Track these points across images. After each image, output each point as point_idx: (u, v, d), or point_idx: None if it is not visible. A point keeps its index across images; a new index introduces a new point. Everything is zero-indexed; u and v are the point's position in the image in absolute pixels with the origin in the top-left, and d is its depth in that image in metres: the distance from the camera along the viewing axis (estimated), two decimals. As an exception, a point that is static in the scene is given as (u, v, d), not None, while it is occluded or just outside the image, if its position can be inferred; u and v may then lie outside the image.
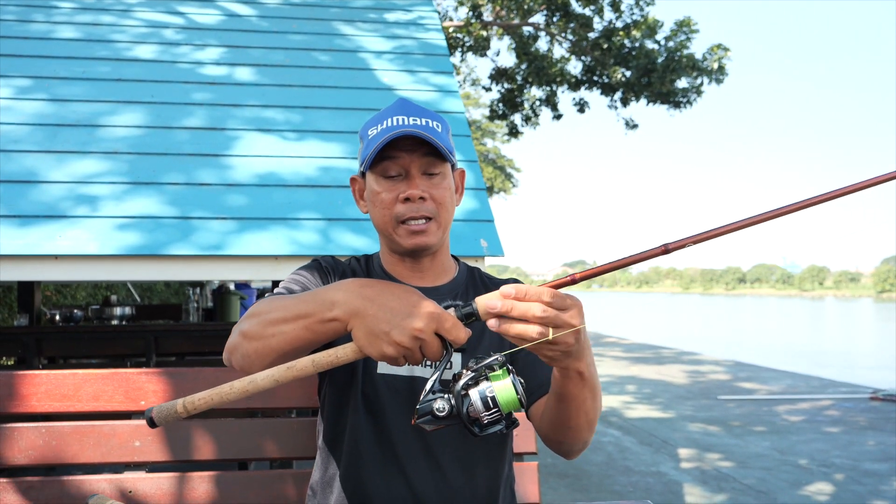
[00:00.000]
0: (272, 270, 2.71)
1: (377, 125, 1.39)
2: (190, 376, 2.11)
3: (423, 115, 1.41)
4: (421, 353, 1.03)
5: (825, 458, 6.20)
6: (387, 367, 1.38)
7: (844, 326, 37.23)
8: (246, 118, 3.38)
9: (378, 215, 1.41)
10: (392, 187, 1.38)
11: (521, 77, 13.63)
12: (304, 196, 2.95)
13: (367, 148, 1.40)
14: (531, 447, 2.24)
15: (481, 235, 2.86)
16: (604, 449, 6.44)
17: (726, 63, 12.49)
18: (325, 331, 1.09)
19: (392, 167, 1.38)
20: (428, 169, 1.39)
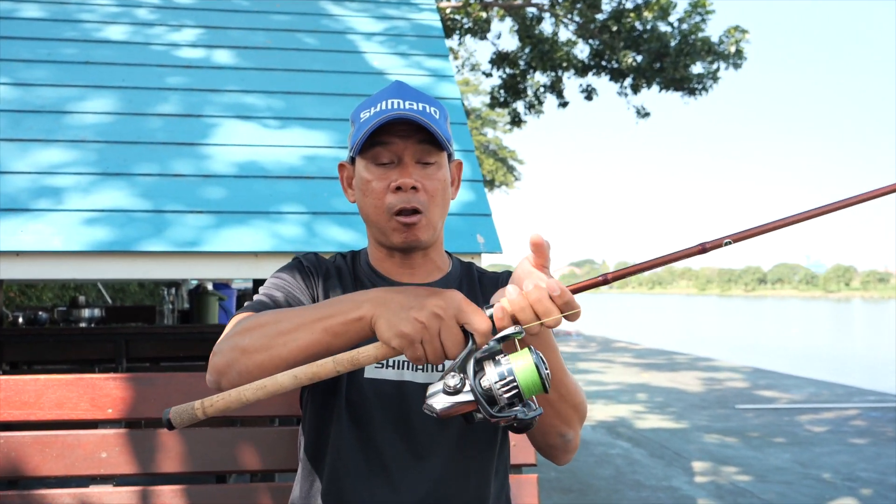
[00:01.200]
0: (252, 268, 2.71)
1: (370, 108, 1.38)
2: (161, 382, 2.10)
3: (420, 100, 1.40)
4: (440, 341, 1.02)
5: (850, 471, 6.21)
6: (374, 372, 1.38)
7: (872, 330, 37.28)
8: (224, 104, 3.37)
9: (368, 205, 1.40)
10: (384, 175, 1.37)
11: (524, 62, 13.62)
12: (287, 188, 2.94)
13: (357, 132, 1.39)
14: (530, 458, 2.24)
15: (478, 230, 2.85)
16: (612, 462, 6.44)
17: (745, 46, 12.47)
18: (347, 332, 1.10)
19: (384, 154, 1.37)
20: (422, 157, 1.39)
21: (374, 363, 1.12)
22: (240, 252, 2.68)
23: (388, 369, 1.39)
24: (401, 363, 1.40)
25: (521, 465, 2.18)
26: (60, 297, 9.06)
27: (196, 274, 2.69)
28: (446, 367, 0.99)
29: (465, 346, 0.99)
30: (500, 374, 0.94)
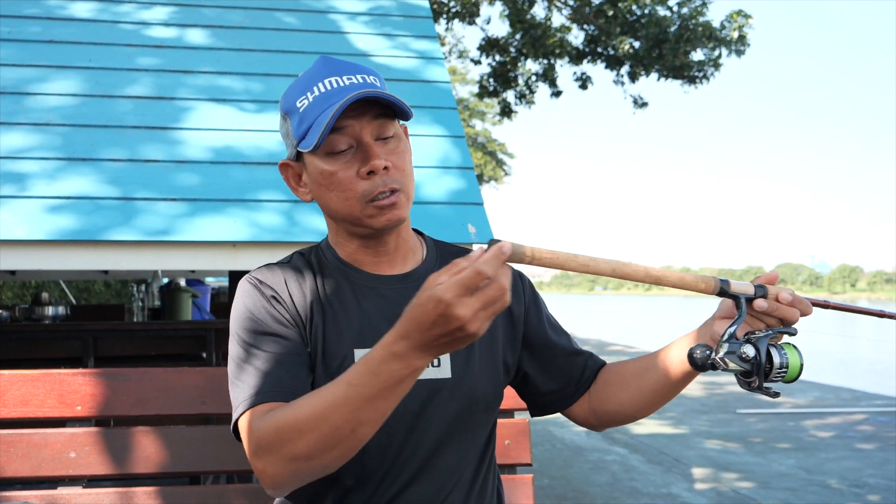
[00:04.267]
0: (229, 259, 2.70)
1: (306, 94, 1.33)
2: (134, 378, 2.10)
3: (357, 72, 1.35)
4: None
5: (857, 477, 6.26)
6: None
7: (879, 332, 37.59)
8: (198, 86, 3.36)
9: (338, 199, 1.34)
10: (348, 164, 1.32)
11: (515, 48, 13.61)
12: (265, 174, 2.94)
13: (302, 124, 1.32)
14: (525, 458, 2.25)
15: (469, 220, 2.86)
16: (608, 468, 6.47)
17: (748, 32, 12.48)
18: (407, 382, 1.11)
19: (341, 140, 1.31)
20: (381, 133, 1.34)
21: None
22: (215, 242, 2.67)
23: None
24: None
25: (516, 464, 2.19)
26: (21, 296, 9.00)
27: (168, 265, 2.68)
28: (735, 337, 1.24)
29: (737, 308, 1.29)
30: (780, 356, 1.22)
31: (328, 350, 1.36)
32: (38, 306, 4.88)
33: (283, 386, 1.28)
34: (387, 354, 1.07)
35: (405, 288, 1.42)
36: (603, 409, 1.57)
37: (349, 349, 1.36)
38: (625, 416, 1.55)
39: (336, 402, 1.12)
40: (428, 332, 1.02)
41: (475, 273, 0.97)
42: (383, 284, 1.42)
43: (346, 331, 1.37)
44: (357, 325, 1.37)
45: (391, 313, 1.32)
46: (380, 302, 1.40)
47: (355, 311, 1.39)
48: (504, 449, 2.12)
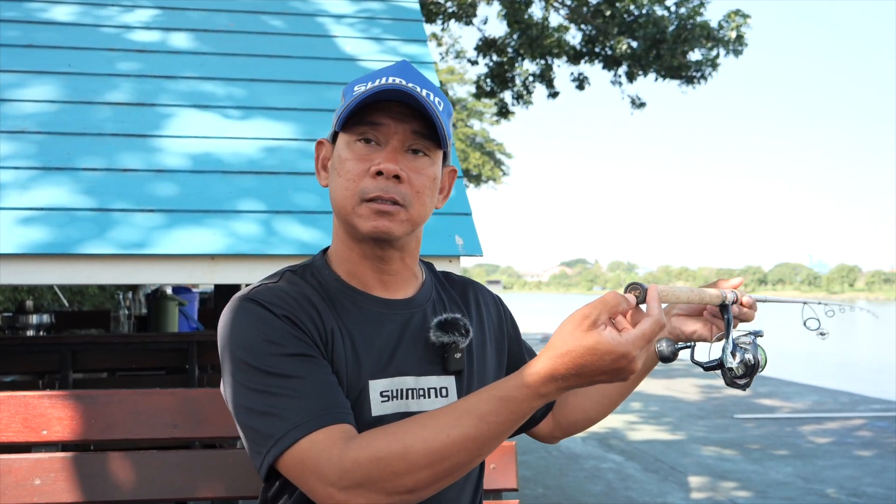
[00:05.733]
0: (207, 272, 2.62)
1: (367, 83, 1.30)
2: (103, 400, 2.02)
3: (425, 86, 1.31)
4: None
5: (856, 486, 6.19)
6: (380, 407, 1.29)
7: (877, 334, 37.55)
8: (181, 92, 3.27)
9: (341, 188, 1.30)
10: (365, 156, 1.28)
11: (513, 49, 13.56)
12: (246, 183, 2.85)
13: (348, 105, 1.29)
14: (511, 483, 2.18)
15: (456, 231, 2.78)
16: (603, 477, 6.39)
17: (746, 32, 12.44)
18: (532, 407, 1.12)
19: (370, 133, 1.29)
20: (413, 145, 1.30)
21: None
22: (193, 255, 2.58)
23: (394, 401, 1.31)
24: (405, 392, 1.32)
25: (502, 489, 2.11)
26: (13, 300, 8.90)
27: (145, 279, 2.59)
28: (727, 345, 1.32)
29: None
30: (764, 362, 1.32)
31: (349, 382, 1.28)
32: (22, 314, 4.79)
33: (343, 407, 1.20)
34: (532, 394, 1.08)
35: (411, 314, 1.37)
36: (568, 421, 1.60)
37: (365, 381, 1.29)
38: (589, 422, 1.59)
39: (465, 438, 1.09)
40: (591, 377, 1.07)
41: (659, 326, 1.08)
42: (391, 309, 1.36)
43: (364, 361, 1.30)
44: (374, 354, 1.31)
45: (400, 341, 1.33)
46: (391, 329, 1.34)
47: (370, 339, 1.32)
48: (489, 473, 2.04)
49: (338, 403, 1.19)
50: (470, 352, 1.41)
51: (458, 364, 1.37)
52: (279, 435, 1.15)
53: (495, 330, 1.54)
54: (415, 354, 1.35)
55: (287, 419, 1.15)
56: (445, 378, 1.37)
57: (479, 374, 1.42)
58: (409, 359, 1.34)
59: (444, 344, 1.35)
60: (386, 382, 1.30)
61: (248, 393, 1.20)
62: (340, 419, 1.17)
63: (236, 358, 1.22)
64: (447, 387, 1.36)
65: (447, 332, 1.35)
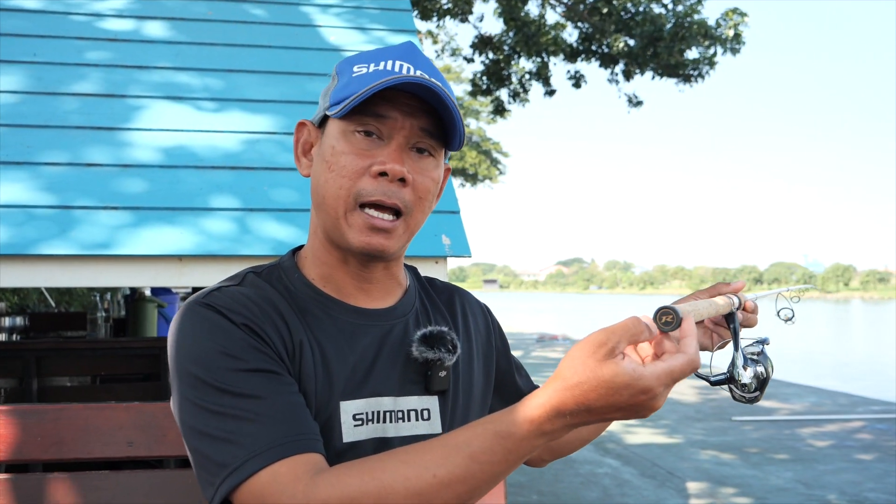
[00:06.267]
0: (175, 274, 2.43)
1: (370, 63, 1.13)
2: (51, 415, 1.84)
3: (435, 74, 1.14)
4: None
5: (857, 491, 6.03)
6: (353, 433, 1.11)
7: (873, 333, 37.49)
8: (153, 83, 3.09)
9: (332, 185, 1.11)
10: (365, 152, 1.10)
11: (509, 46, 13.43)
12: (220, 179, 2.67)
13: (346, 88, 1.12)
14: (499, 499, 2.05)
15: (442, 230, 2.60)
16: (599, 482, 6.21)
17: (743, 30, 12.32)
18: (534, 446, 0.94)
19: (373, 126, 1.11)
20: (419, 144, 1.13)
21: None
22: (160, 255, 2.40)
23: (369, 425, 1.13)
24: (381, 414, 1.14)
25: (487, 510, 1.96)
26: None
27: (106, 281, 2.40)
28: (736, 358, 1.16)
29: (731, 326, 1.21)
30: (769, 371, 1.17)
31: (319, 402, 1.09)
32: (-6, 316, 4.60)
33: (311, 433, 1.02)
34: (534, 431, 0.91)
35: (391, 326, 1.19)
36: (560, 443, 1.40)
37: (337, 402, 1.11)
38: (583, 442, 1.43)
39: (453, 480, 0.93)
40: (604, 414, 0.90)
41: (692, 367, 0.90)
42: (368, 320, 1.18)
43: (335, 378, 1.11)
44: (348, 371, 1.13)
45: (378, 356, 1.16)
46: (368, 342, 1.16)
47: (343, 353, 1.14)
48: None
49: (304, 429, 1.01)
50: (456, 369, 1.24)
51: (443, 383, 1.20)
52: (235, 465, 0.97)
53: (483, 343, 1.36)
54: (394, 372, 1.17)
55: (245, 446, 0.98)
56: (427, 399, 1.19)
57: (465, 394, 1.25)
58: (388, 377, 1.16)
59: (427, 360, 1.18)
60: (361, 404, 1.13)
61: (200, 413, 1.01)
62: (307, 448, 1.00)
63: (187, 372, 1.04)
64: (429, 408, 1.19)
65: (432, 347, 1.18)
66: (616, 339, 0.88)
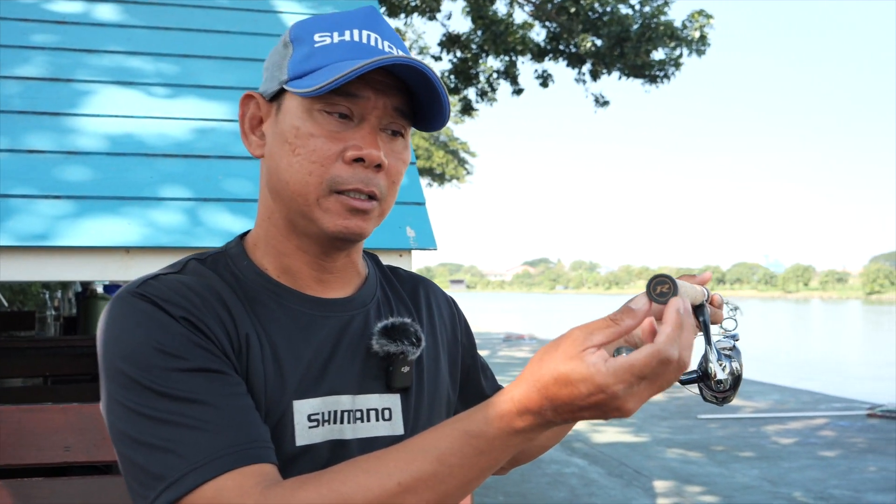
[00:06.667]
0: (122, 268, 2.28)
1: (332, 32, 1.02)
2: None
3: (398, 43, 1.06)
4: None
5: (822, 488, 6.02)
6: (307, 435, 0.99)
7: (833, 332, 38.09)
8: (103, 67, 2.92)
9: (299, 170, 0.99)
10: (336, 134, 0.99)
11: (477, 45, 13.38)
12: (171, 168, 2.52)
13: (310, 59, 1.00)
14: (465, 501, 1.94)
15: (407, 222, 2.48)
16: (566, 482, 6.13)
17: (709, 32, 12.39)
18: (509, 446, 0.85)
19: (345, 106, 0.99)
20: (392, 125, 1.03)
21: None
22: (105, 247, 2.25)
23: (325, 426, 1.01)
24: (338, 414, 1.02)
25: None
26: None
27: (46, 274, 2.24)
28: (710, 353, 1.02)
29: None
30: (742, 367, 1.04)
31: (269, 402, 0.97)
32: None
33: (261, 440, 0.90)
34: (506, 429, 0.83)
35: (350, 317, 1.08)
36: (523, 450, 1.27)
37: (289, 402, 0.99)
38: (542, 449, 1.34)
39: (419, 486, 0.84)
40: (570, 413, 0.81)
41: (660, 363, 0.77)
42: (325, 311, 1.06)
43: (288, 375, 0.99)
44: (302, 367, 1.01)
45: (335, 350, 1.04)
46: (324, 335, 1.04)
47: (297, 347, 1.01)
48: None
49: (254, 435, 0.90)
50: (420, 365, 1.13)
51: (405, 380, 1.09)
52: (173, 477, 0.85)
53: (448, 338, 1.24)
54: (353, 367, 1.05)
55: (185, 457, 0.86)
56: (389, 397, 1.08)
57: (430, 393, 1.14)
58: (346, 373, 1.04)
59: (389, 354, 1.07)
60: (316, 403, 1.01)
61: (134, 418, 0.89)
62: (257, 457, 0.88)
63: (118, 372, 0.91)
64: (390, 408, 1.08)
65: (394, 339, 1.07)
66: (586, 332, 0.79)
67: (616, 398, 0.77)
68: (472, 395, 1.29)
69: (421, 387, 1.12)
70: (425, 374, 1.14)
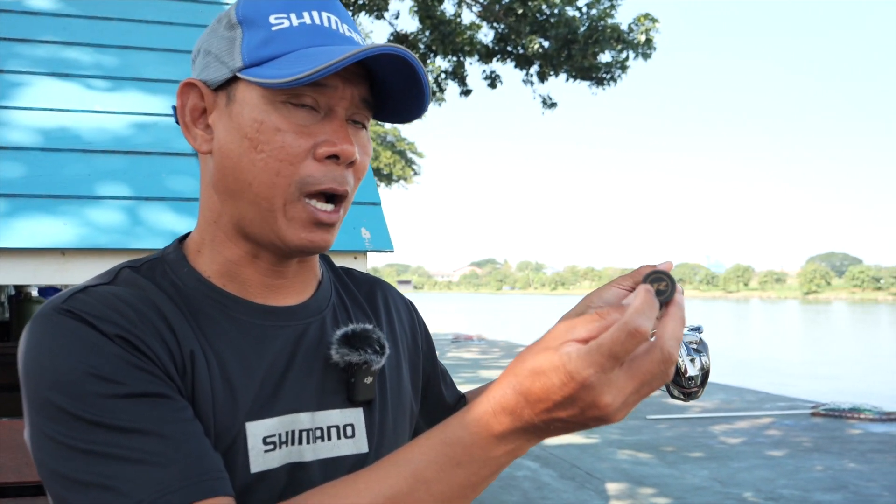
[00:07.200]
0: (57, 270, 2.14)
1: (288, 13, 0.91)
2: None
3: (355, 29, 0.97)
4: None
5: (771, 488, 6.09)
6: (263, 461, 0.89)
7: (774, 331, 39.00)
8: (37, 58, 2.76)
9: (263, 168, 0.88)
10: (304, 128, 0.89)
11: (425, 45, 13.29)
12: (110, 164, 2.38)
13: (268, 45, 0.89)
14: None
15: (361, 223, 2.38)
16: (518, 486, 6.08)
17: (654, 35, 12.52)
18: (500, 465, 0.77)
19: (309, 97, 0.89)
20: (357, 116, 0.93)
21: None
22: (39, 249, 2.10)
23: (282, 449, 0.91)
24: (296, 434, 0.92)
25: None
26: None
27: (-27, 278, 2.09)
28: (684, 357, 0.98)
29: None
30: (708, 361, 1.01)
31: (219, 426, 0.86)
32: None
33: (213, 469, 0.79)
34: (485, 434, 0.74)
35: (305, 326, 0.98)
36: None
37: (242, 424, 0.88)
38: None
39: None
40: (548, 413, 0.71)
41: (629, 335, 0.67)
42: (278, 321, 0.95)
43: (240, 395, 0.89)
44: (255, 384, 0.90)
45: (291, 363, 0.94)
46: (278, 347, 0.94)
47: (249, 363, 0.91)
48: None
49: (206, 466, 0.79)
50: (382, 375, 1.03)
51: (368, 392, 0.98)
52: None
53: (409, 344, 1.15)
54: (311, 381, 0.95)
55: (128, 494, 0.75)
56: (351, 412, 0.98)
57: (394, 405, 1.04)
58: (304, 388, 0.94)
59: (351, 365, 0.97)
60: (272, 424, 0.90)
61: (66, 454, 0.77)
62: (211, 490, 0.77)
63: (45, 402, 0.79)
64: (353, 423, 0.98)
65: (356, 348, 0.96)
66: (569, 326, 0.71)
67: (590, 388, 0.67)
68: (432, 404, 1.20)
69: (384, 399, 1.03)
70: (388, 385, 1.04)
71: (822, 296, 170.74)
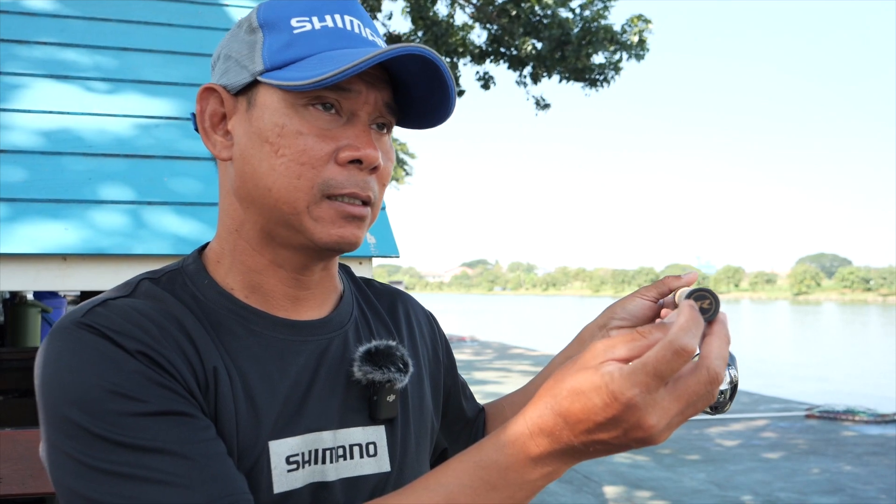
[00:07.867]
0: (59, 276, 2.11)
1: (310, 16, 0.90)
2: None
3: (377, 32, 0.96)
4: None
5: (768, 491, 6.09)
6: (286, 481, 0.87)
7: (765, 332, 39.14)
8: (36, 60, 2.73)
9: (284, 173, 0.86)
10: (327, 132, 0.87)
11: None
12: (112, 167, 2.35)
13: (290, 48, 0.88)
14: None
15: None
16: (516, 489, 6.08)
17: (648, 36, 12.54)
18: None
19: (334, 99, 0.88)
20: (381, 120, 0.93)
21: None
22: (40, 254, 2.07)
23: (305, 469, 0.89)
24: (319, 453, 0.90)
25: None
26: None
27: (-26, 284, 2.06)
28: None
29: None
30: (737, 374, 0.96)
31: (242, 445, 0.84)
32: None
33: (238, 490, 0.77)
34: (520, 456, 0.72)
35: (328, 341, 0.96)
36: None
37: (265, 443, 0.86)
38: None
39: None
40: (589, 435, 0.69)
41: (675, 354, 0.65)
42: (301, 335, 0.93)
43: (263, 413, 0.87)
44: (279, 402, 0.88)
45: (314, 380, 0.92)
46: (302, 364, 0.92)
47: (272, 380, 0.89)
48: None
49: (231, 488, 0.77)
50: (404, 391, 1.01)
51: (391, 410, 0.97)
52: None
53: (430, 358, 1.13)
54: (333, 399, 0.93)
55: None
56: (373, 430, 0.96)
57: (416, 422, 1.03)
58: (327, 406, 0.92)
59: (374, 383, 0.95)
60: (295, 443, 0.88)
61: (86, 474, 0.74)
62: None
63: (64, 420, 0.76)
64: (375, 441, 0.96)
65: (379, 366, 0.95)
66: (608, 345, 0.70)
67: (635, 409, 0.66)
68: (452, 418, 1.18)
69: (406, 416, 1.01)
70: (410, 402, 1.03)
71: (813, 297, 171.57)
